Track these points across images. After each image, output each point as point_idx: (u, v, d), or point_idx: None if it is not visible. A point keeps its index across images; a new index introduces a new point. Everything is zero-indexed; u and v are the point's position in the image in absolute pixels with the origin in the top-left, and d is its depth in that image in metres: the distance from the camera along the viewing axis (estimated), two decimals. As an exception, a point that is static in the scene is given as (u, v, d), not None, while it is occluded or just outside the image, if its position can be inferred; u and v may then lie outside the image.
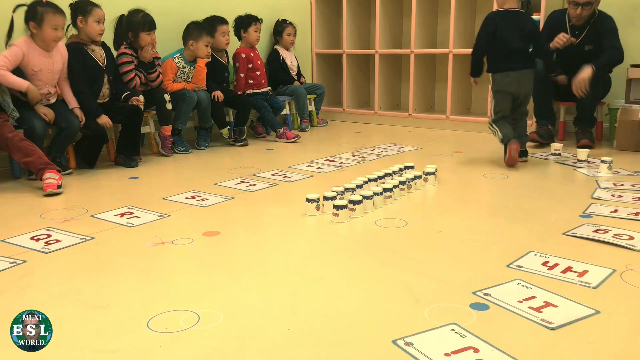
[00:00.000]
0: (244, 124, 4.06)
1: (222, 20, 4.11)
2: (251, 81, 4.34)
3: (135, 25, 3.47)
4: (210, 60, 3.94)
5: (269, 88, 4.49)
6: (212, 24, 4.04)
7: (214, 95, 3.90)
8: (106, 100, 3.33)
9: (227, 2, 4.44)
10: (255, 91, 4.33)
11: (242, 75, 4.29)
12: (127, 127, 3.34)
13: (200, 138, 3.90)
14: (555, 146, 3.48)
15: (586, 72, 3.49)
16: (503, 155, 3.18)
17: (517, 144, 3.08)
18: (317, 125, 4.87)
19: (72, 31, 3.26)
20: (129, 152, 3.37)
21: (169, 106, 3.59)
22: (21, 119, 2.91)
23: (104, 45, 3.35)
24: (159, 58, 3.67)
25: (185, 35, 3.84)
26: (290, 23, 4.73)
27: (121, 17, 3.53)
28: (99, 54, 3.28)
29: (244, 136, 4.00)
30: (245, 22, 4.34)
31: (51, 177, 2.68)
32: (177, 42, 3.98)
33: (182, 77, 3.82)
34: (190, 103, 3.71)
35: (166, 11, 3.88)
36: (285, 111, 4.60)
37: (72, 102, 3.16)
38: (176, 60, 3.80)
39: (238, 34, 4.38)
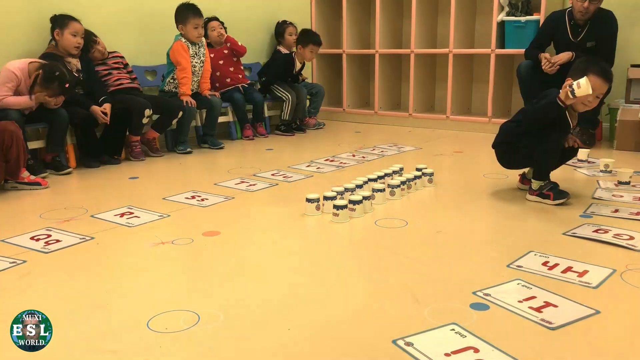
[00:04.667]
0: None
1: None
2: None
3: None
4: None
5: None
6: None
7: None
8: (88, 102, 3.31)
9: (228, 2, 4.44)
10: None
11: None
12: (114, 127, 3.36)
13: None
14: None
15: (565, 55, 3.54)
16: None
17: None
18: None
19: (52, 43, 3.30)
20: (111, 152, 3.40)
21: (145, 121, 3.51)
22: None
23: (82, 58, 3.36)
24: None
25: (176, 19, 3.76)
26: (291, 23, 4.72)
27: None
28: (74, 65, 3.31)
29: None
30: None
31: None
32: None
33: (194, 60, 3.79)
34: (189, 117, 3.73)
35: (166, 12, 3.87)
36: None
37: None
38: (183, 40, 3.72)
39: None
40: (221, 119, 4.07)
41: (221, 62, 4.20)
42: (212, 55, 4.07)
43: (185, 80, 3.71)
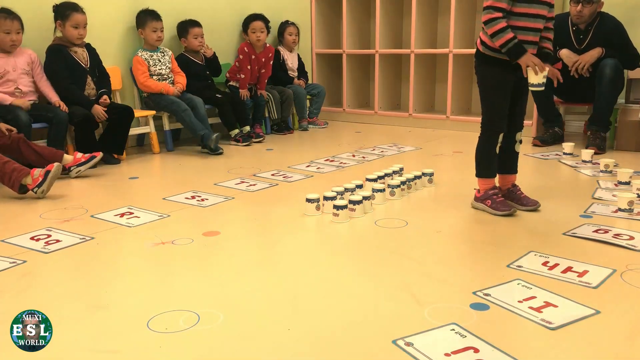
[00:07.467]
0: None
1: (195, 23, 4.02)
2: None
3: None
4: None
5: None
6: (185, 27, 4.01)
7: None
8: (92, 100, 3.35)
9: (227, 2, 4.44)
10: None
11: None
12: (117, 124, 3.37)
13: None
14: (568, 146, 3.45)
15: (595, 52, 3.51)
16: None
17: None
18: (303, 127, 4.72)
19: (59, 32, 3.32)
20: (113, 150, 3.39)
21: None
22: (4, 110, 2.97)
23: (88, 46, 3.40)
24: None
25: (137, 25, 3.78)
26: (293, 23, 4.72)
27: None
28: (81, 55, 3.35)
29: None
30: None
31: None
32: (171, 41, 4.01)
33: (158, 68, 3.78)
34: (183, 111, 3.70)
35: (164, 11, 3.87)
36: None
37: (53, 96, 3.23)
38: (140, 54, 3.74)
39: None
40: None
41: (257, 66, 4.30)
42: (253, 57, 4.23)
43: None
